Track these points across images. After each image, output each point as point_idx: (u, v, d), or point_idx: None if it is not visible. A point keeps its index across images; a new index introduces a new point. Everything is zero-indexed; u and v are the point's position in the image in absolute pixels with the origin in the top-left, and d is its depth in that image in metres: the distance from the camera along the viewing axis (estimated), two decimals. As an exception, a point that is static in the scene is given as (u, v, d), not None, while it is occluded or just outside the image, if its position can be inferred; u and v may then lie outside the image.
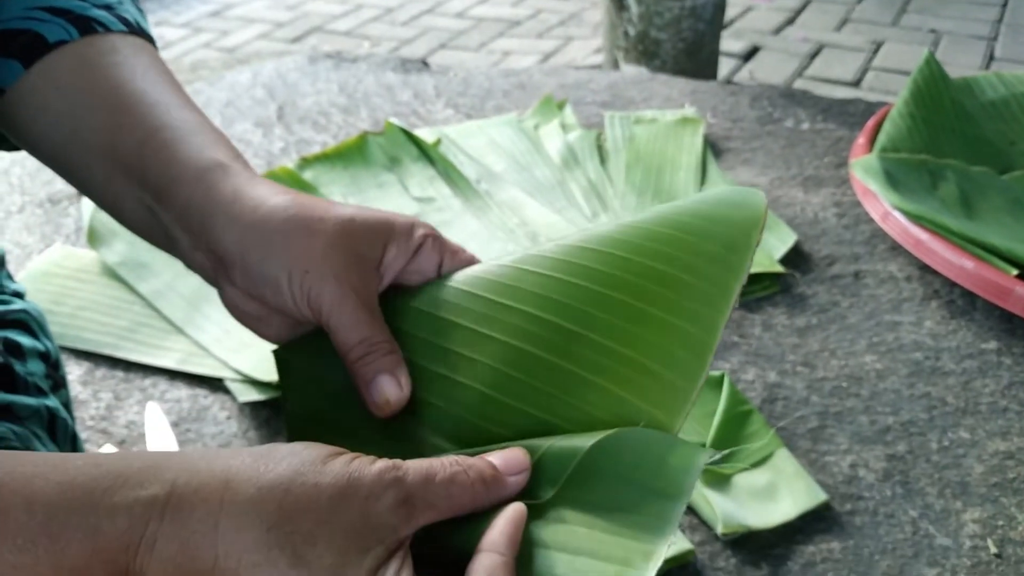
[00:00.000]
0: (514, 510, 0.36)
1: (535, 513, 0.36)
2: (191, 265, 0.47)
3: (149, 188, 0.45)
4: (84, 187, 0.49)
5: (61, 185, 1.06)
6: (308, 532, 0.32)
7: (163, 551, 0.31)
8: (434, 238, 0.46)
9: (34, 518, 0.30)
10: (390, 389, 0.42)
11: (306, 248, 0.42)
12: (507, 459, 0.37)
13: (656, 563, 0.34)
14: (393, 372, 0.42)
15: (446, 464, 0.35)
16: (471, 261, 0.47)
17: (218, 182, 0.44)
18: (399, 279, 0.46)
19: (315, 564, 0.31)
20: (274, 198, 0.43)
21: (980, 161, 1.01)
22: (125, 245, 0.88)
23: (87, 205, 0.94)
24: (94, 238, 0.90)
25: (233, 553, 0.31)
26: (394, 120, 1.07)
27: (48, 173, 1.07)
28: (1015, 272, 0.82)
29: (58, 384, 0.61)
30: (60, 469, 0.31)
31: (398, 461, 0.35)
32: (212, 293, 0.83)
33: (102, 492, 0.31)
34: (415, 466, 0.35)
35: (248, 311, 0.45)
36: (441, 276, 0.46)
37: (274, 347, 0.48)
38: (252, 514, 0.32)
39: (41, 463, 0.32)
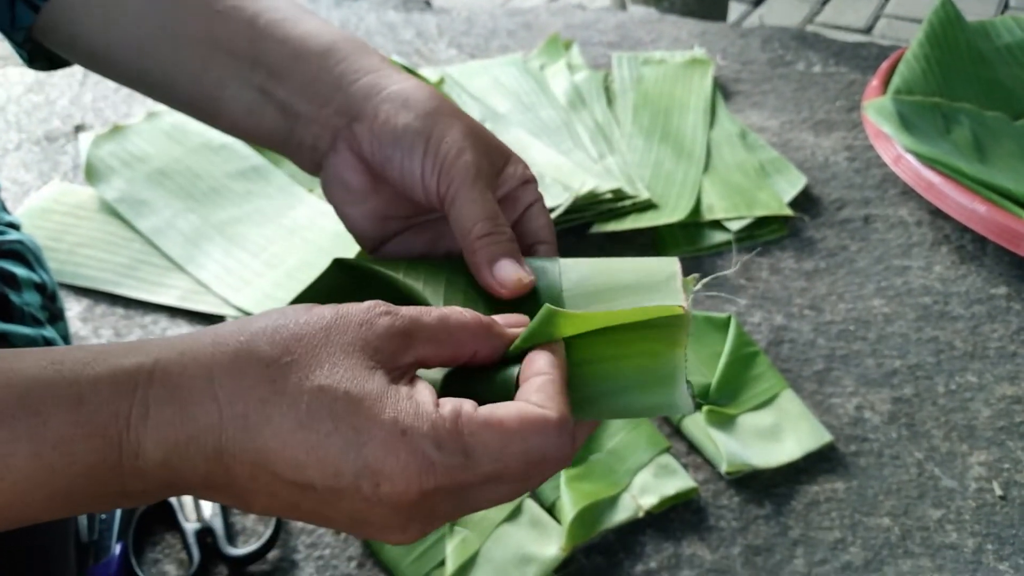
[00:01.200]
0: (551, 345, 0.35)
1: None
2: (295, 144, 0.46)
3: (263, 65, 0.45)
4: (167, 86, 0.48)
5: (58, 123, 1.04)
6: (307, 357, 0.31)
7: (159, 417, 0.30)
8: (536, 186, 0.45)
9: (12, 391, 0.29)
10: (517, 271, 0.40)
11: (447, 123, 0.41)
12: (506, 317, 0.37)
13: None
14: (519, 258, 0.41)
15: (443, 309, 0.35)
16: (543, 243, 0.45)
17: (352, 55, 0.44)
18: (501, 204, 0.44)
19: (327, 384, 0.31)
20: (415, 82, 0.43)
21: (994, 105, 0.99)
22: (124, 182, 0.87)
23: (84, 142, 0.92)
24: (92, 175, 0.88)
25: (237, 397, 0.30)
26: (396, 59, 1.05)
27: (45, 110, 1.05)
28: (1028, 216, 0.81)
29: (55, 316, 0.60)
30: (40, 352, 0.31)
31: (385, 302, 0.34)
32: (211, 231, 0.83)
33: (83, 365, 0.30)
34: (405, 307, 0.34)
35: (352, 183, 0.44)
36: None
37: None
38: (245, 356, 0.31)
39: (22, 350, 0.31)
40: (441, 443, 0.31)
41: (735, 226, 0.86)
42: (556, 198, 0.85)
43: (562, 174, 0.89)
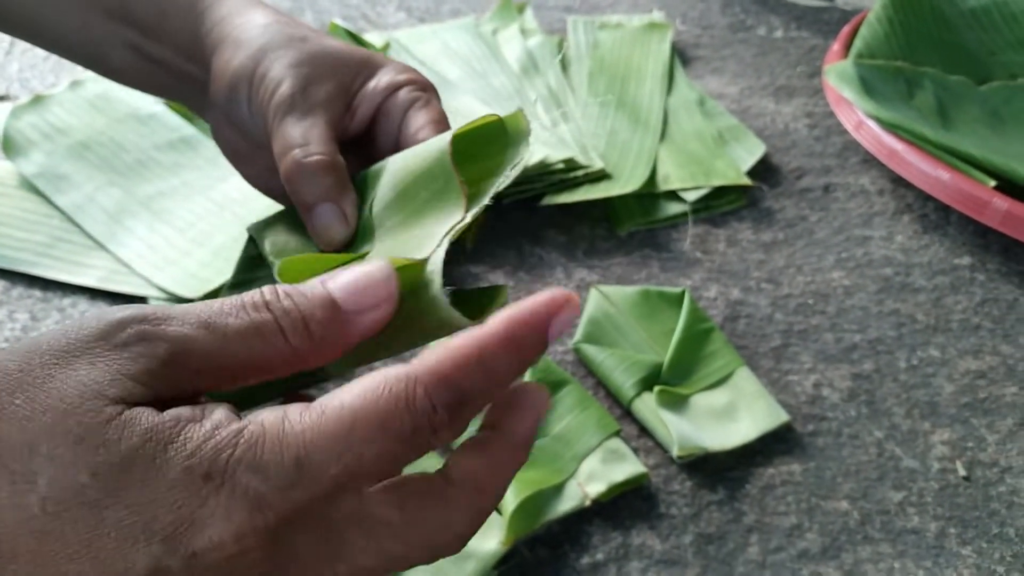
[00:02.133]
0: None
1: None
2: (186, 100, 0.43)
3: (133, 23, 0.42)
4: (57, 44, 0.45)
5: (-19, 93, 0.98)
6: (15, 439, 0.21)
7: None
8: (417, 85, 0.38)
9: None
10: (332, 220, 0.34)
11: (274, 57, 0.37)
12: (359, 289, 0.25)
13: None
14: (338, 201, 0.35)
15: (240, 308, 0.24)
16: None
17: (211, 7, 0.41)
18: (375, 125, 0.39)
19: (59, 468, 0.21)
20: (262, 17, 0.39)
21: (958, 70, 0.96)
22: (43, 155, 0.81)
23: (2, 113, 0.87)
24: (10, 147, 0.82)
25: None
26: (339, 22, 1.00)
27: (-34, 80, 0.99)
28: (993, 184, 0.78)
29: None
30: None
31: (154, 308, 0.24)
32: (135, 206, 0.78)
33: None
34: (183, 310, 0.24)
35: (232, 143, 0.41)
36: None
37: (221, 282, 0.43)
38: None
39: None
40: (261, 467, 0.22)
41: (691, 197, 0.83)
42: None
43: (511, 143, 0.85)
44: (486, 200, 0.31)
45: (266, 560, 0.22)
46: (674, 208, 0.82)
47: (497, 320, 0.25)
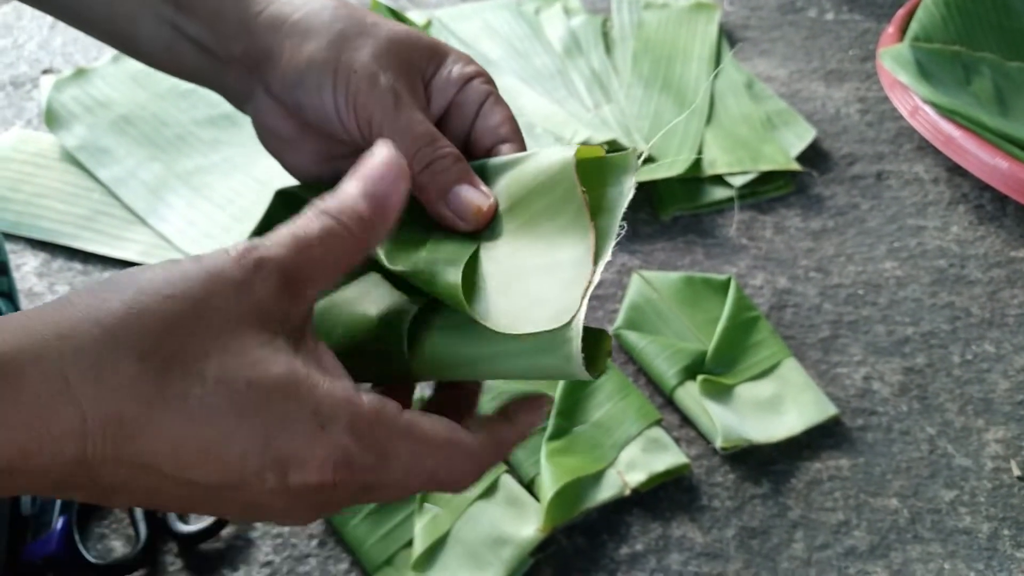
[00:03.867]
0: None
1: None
2: (220, 84, 0.41)
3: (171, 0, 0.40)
4: (83, 17, 0.43)
5: (25, 67, 0.99)
6: (189, 346, 0.26)
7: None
8: (483, 78, 0.39)
9: None
10: (477, 196, 0.35)
11: (355, 47, 0.36)
12: (379, 175, 0.31)
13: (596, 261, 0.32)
14: (471, 180, 0.35)
15: (312, 221, 0.29)
16: (508, 135, 0.39)
17: None
18: (446, 118, 0.39)
19: (222, 375, 0.27)
20: (319, 0, 0.38)
21: (1017, 56, 0.93)
22: (85, 128, 0.81)
23: (46, 86, 0.87)
24: (52, 120, 0.83)
25: (107, 401, 0.25)
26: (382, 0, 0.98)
27: (10, 55, 1.00)
28: (1054, 174, 0.75)
29: (-6, 270, 0.56)
30: None
31: (255, 240, 0.29)
32: (175, 181, 0.77)
33: None
34: (277, 238, 0.29)
35: (280, 130, 0.40)
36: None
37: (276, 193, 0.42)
38: (111, 351, 0.26)
39: None
40: (360, 438, 0.28)
41: (738, 181, 0.81)
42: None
43: (554, 124, 0.83)
44: (608, 255, 0.33)
45: (318, 494, 0.28)
46: (720, 193, 0.80)
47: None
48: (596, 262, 0.32)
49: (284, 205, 0.39)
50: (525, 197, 0.35)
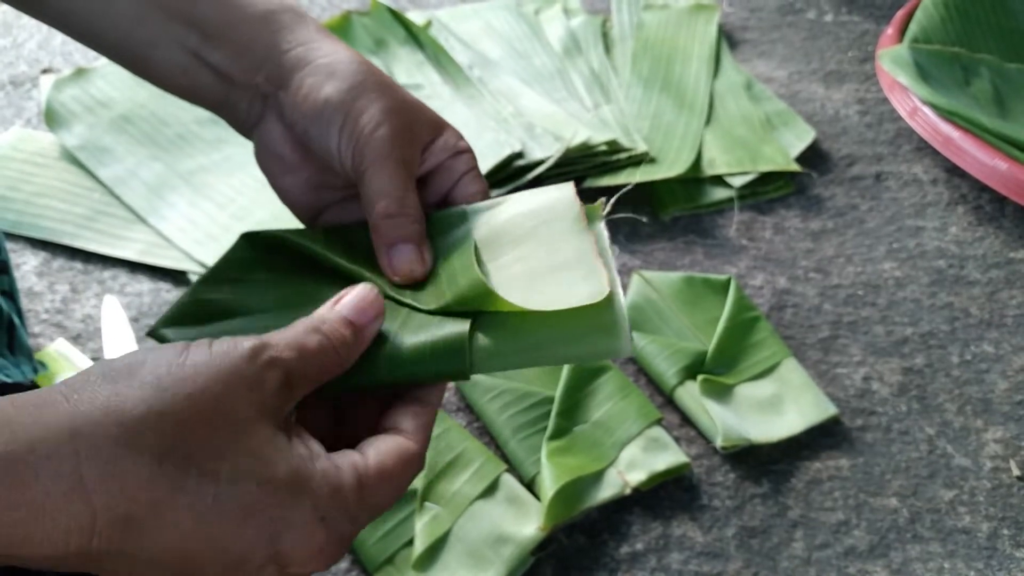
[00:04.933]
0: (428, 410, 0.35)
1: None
2: (229, 108, 0.44)
3: (197, 27, 0.43)
4: (97, 36, 0.45)
5: (25, 67, 0.99)
6: (205, 447, 0.28)
7: (1, 518, 0.25)
8: (471, 156, 0.43)
9: None
10: (414, 260, 0.39)
11: (370, 98, 0.40)
12: (361, 309, 0.35)
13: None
14: (419, 244, 0.40)
15: (311, 336, 0.33)
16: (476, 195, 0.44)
17: (290, 25, 0.43)
18: (431, 177, 0.43)
19: (235, 476, 0.28)
20: (347, 52, 0.42)
21: (1016, 58, 0.93)
22: (85, 128, 0.81)
23: (46, 85, 0.87)
24: (52, 120, 0.83)
25: (120, 500, 0.26)
26: (383, 1, 0.99)
27: (10, 54, 0.99)
28: (1053, 175, 0.75)
29: (-5, 269, 0.56)
30: None
31: (264, 338, 0.31)
32: (176, 181, 0.77)
33: None
34: (284, 340, 0.32)
35: (283, 154, 0.43)
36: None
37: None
38: (128, 451, 0.27)
39: None
40: (354, 517, 0.31)
41: (738, 182, 0.81)
42: (547, 149, 0.79)
43: (554, 124, 0.83)
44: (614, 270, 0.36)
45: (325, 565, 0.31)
46: (719, 193, 0.80)
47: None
48: (608, 269, 0.36)
49: (249, 246, 0.42)
50: (520, 232, 0.39)
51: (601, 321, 0.34)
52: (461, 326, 0.35)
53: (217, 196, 0.76)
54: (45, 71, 0.94)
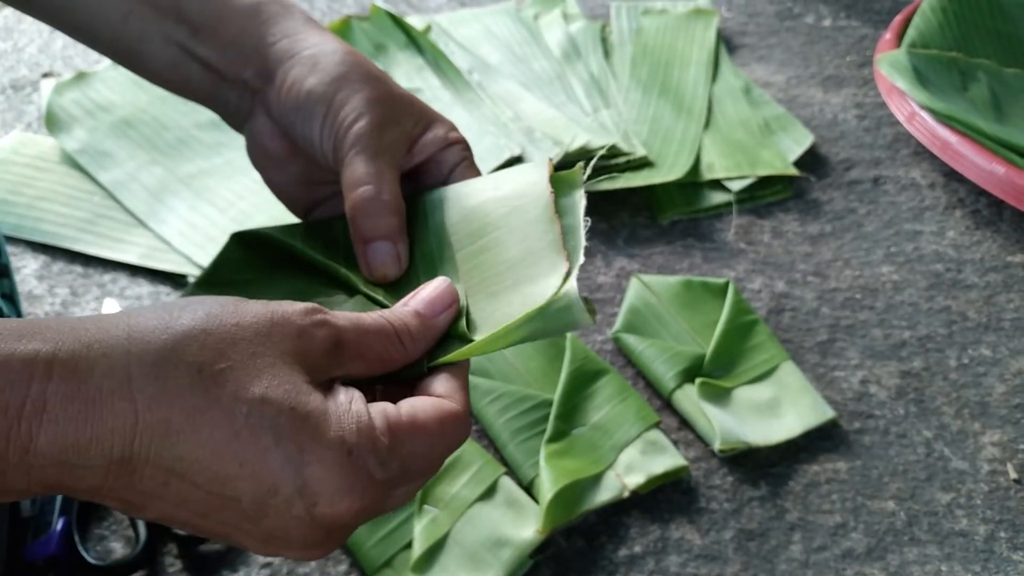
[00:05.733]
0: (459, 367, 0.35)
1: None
2: (220, 102, 0.45)
3: (185, 22, 0.43)
4: (89, 31, 0.46)
5: (25, 71, 0.99)
6: (245, 365, 0.29)
7: (59, 413, 0.27)
8: (464, 146, 0.43)
9: None
10: (389, 261, 0.39)
11: (353, 89, 0.40)
12: (431, 301, 0.35)
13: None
14: (395, 240, 0.39)
15: (373, 316, 0.33)
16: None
17: (276, 17, 0.43)
18: (423, 169, 0.43)
19: (270, 396, 0.29)
20: (333, 43, 0.42)
21: (1014, 62, 0.93)
22: (86, 132, 0.82)
23: (46, 89, 0.87)
24: (53, 124, 0.83)
25: (160, 403, 0.28)
26: (381, 4, 0.99)
27: (10, 58, 1.00)
28: (1050, 179, 0.75)
29: (-3, 272, 0.56)
30: None
31: (317, 306, 0.32)
32: (177, 184, 0.78)
33: None
34: (342, 312, 0.33)
35: (272, 150, 0.43)
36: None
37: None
38: (173, 358, 0.28)
39: None
40: (384, 460, 0.30)
41: (736, 186, 0.81)
42: (546, 153, 0.79)
43: (553, 128, 0.83)
44: (582, 245, 0.36)
45: (343, 524, 0.30)
46: (718, 197, 0.81)
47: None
48: (570, 257, 0.36)
49: (240, 246, 0.43)
50: (487, 219, 0.39)
51: (560, 304, 0.35)
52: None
53: (218, 200, 0.76)
54: (46, 75, 0.95)
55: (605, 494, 0.56)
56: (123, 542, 0.55)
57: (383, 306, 0.38)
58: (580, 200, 0.38)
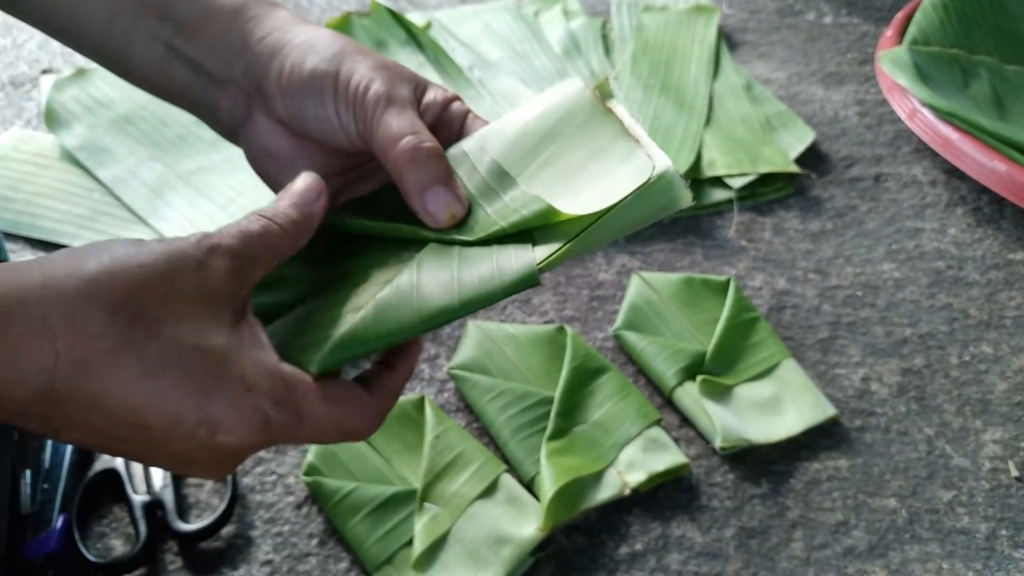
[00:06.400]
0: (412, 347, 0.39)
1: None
2: (210, 109, 0.44)
3: (171, 20, 0.42)
4: (77, 36, 0.45)
5: (25, 67, 0.99)
6: (153, 306, 0.31)
7: None
8: (461, 101, 0.43)
9: None
10: (452, 201, 0.39)
11: (354, 61, 0.40)
12: (304, 191, 0.37)
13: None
14: (447, 183, 0.39)
15: (254, 221, 0.35)
16: None
17: (262, 15, 0.43)
18: (434, 133, 0.43)
19: (175, 335, 0.31)
20: (321, 31, 0.42)
21: (1015, 59, 0.93)
22: (85, 128, 0.81)
23: (46, 86, 0.87)
24: (52, 120, 0.83)
25: (77, 345, 0.30)
26: (381, 0, 0.99)
27: (10, 55, 1.00)
28: (1052, 176, 0.75)
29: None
30: None
31: (206, 231, 0.34)
32: (176, 181, 0.77)
33: None
34: (226, 231, 0.34)
35: (275, 150, 0.43)
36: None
37: None
38: (86, 302, 0.30)
39: None
40: (279, 403, 0.33)
41: (737, 183, 0.81)
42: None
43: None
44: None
45: (240, 453, 0.34)
46: (719, 195, 0.80)
47: None
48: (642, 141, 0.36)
49: None
50: (544, 134, 0.39)
51: (654, 186, 0.34)
52: (523, 243, 0.36)
53: (217, 196, 0.76)
54: (45, 71, 0.94)
55: (606, 492, 0.56)
56: (123, 539, 0.54)
57: (462, 244, 0.37)
58: (619, 105, 0.38)
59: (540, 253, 0.35)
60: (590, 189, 0.36)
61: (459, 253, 0.37)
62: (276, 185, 0.44)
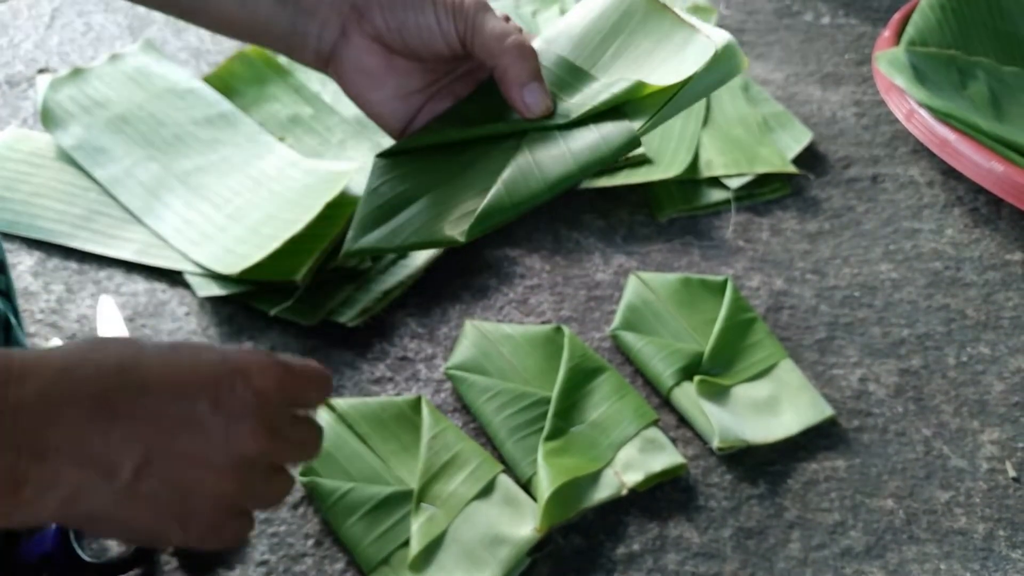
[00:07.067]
0: None
1: None
2: (299, 38, 0.47)
3: None
4: None
5: (21, 66, 0.98)
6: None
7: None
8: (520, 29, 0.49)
9: None
10: (545, 98, 0.44)
11: None
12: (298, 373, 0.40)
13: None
14: (541, 80, 0.44)
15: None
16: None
17: None
18: None
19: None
20: None
21: (1013, 60, 0.93)
22: (82, 128, 0.81)
23: (42, 85, 0.87)
24: (49, 120, 0.82)
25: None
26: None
27: (6, 54, 0.99)
28: (1049, 177, 0.75)
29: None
30: None
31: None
32: (173, 181, 0.77)
33: None
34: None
35: (368, 67, 0.47)
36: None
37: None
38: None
39: None
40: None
41: (735, 184, 0.81)
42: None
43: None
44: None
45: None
46: (716, 195, 0.80)
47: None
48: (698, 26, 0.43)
49: (388, 161, 0.47)
50: (605, 33, 0.45)
51: (720, 56, 0.41)
52: (619, 114, 0.42)
53: (213, 197, 0.75)
54: (41, 71, 0.94)
55: (603, 492, 0.56)
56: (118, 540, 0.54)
57: (557, 128, 0.43)
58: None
59: (634, 125, 0.41)
60: (663, 70, 0.41)
61: (561, 135, 0.42)
62: (366, 103, 0.48)
